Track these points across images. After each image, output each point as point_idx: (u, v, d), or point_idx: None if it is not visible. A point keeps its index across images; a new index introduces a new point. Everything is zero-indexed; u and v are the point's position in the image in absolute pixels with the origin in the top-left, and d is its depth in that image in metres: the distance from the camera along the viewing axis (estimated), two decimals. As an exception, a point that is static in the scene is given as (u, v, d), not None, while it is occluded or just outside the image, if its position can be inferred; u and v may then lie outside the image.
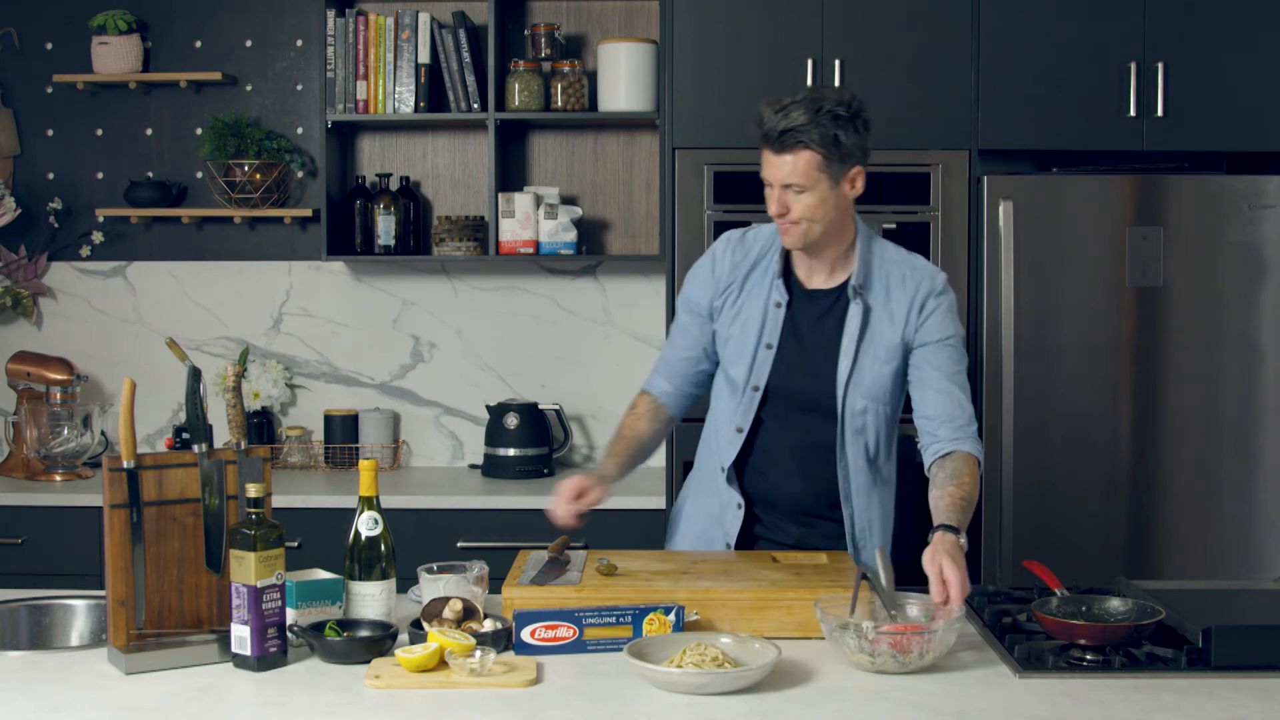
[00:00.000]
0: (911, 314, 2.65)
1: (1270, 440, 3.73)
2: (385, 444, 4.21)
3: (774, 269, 2.70)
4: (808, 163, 2.54)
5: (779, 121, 2.52)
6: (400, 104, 4.05)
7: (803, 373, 2.67)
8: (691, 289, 2.78)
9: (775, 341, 2.68)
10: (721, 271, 2.74)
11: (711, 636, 2.19)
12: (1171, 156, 3.86)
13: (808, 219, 2.58)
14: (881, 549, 2.34)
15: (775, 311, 2.68)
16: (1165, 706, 1.99)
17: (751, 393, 2.69)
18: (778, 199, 2.58)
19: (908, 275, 2.68)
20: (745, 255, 2.73)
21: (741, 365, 2.70)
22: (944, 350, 2.64)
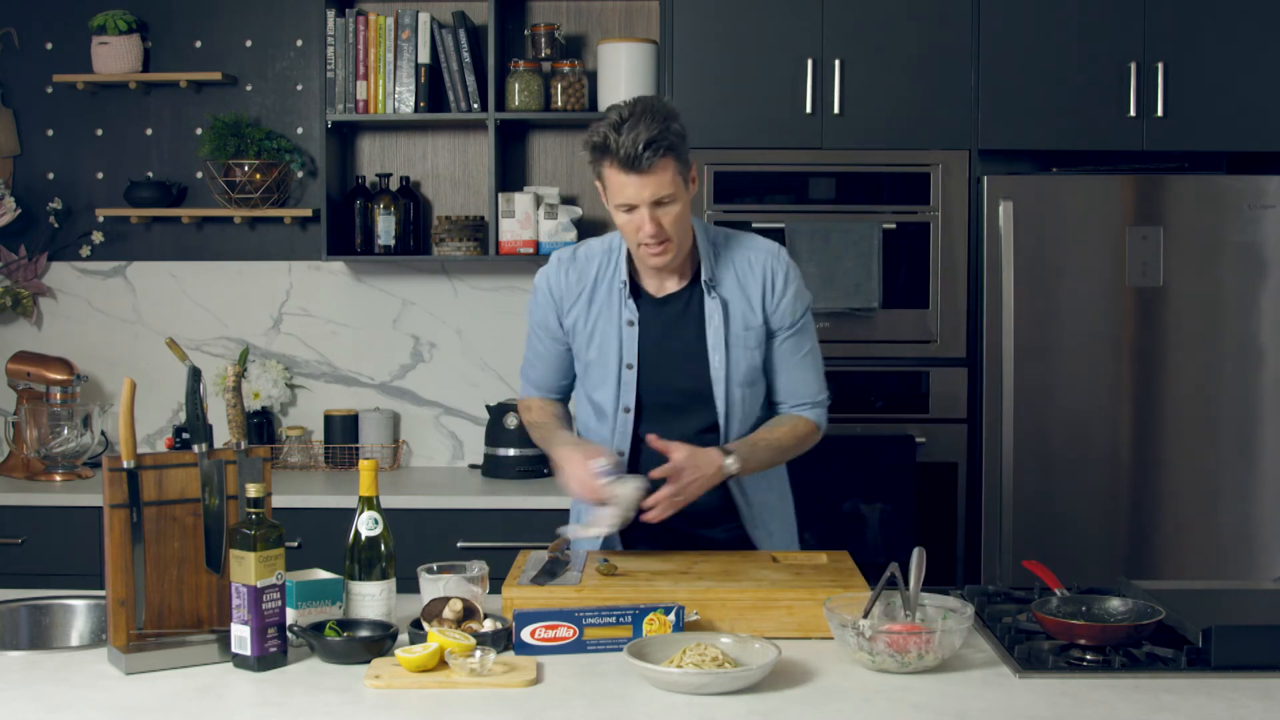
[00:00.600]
0: (766, 297, 2.64)
1: (1270, 440, 3.73)
2: (385, 444, 4.21)
3: (619, 286, 2.64)
4: (670, 170, 2.47)
5: (635, 137, 2.43)
6: (400, 104, 4.05)
7: (672, 381, 2.65)
8: (538, 314, 2.74)
9: (634, 360, 2.64)
10: (561, 291, 2.68)
11: (711, 636, 2.19)
12: (1171, 156, 3.86)
13: (678, 232, 2.52)
14: (921, 549, 2.32)
15: (629, 330, 2.63)
16: (1165, 706, 1.99)
17: (624, 415, 2.66)
18: (650, 219, 2.49)
19: (752, 258, 2.65)
20: (581, 274, 2.68)
21: (607, 390, 2.66)
22: (796, 334, 2.68)
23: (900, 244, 3.74)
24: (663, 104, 2.50)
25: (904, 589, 2.26)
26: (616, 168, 2.47)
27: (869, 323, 3.75)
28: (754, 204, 3.78)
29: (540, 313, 2.73)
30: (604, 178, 2.53)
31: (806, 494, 3.66)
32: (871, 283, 3.70)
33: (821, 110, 3.74)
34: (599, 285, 2.67)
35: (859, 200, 3.76)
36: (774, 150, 3.77)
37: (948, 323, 3.75)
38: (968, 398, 3.76)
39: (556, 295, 2.69)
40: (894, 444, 3.69)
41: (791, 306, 2.66)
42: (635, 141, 2.43)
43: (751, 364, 2.65)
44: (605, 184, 2.54)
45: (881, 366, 3.78)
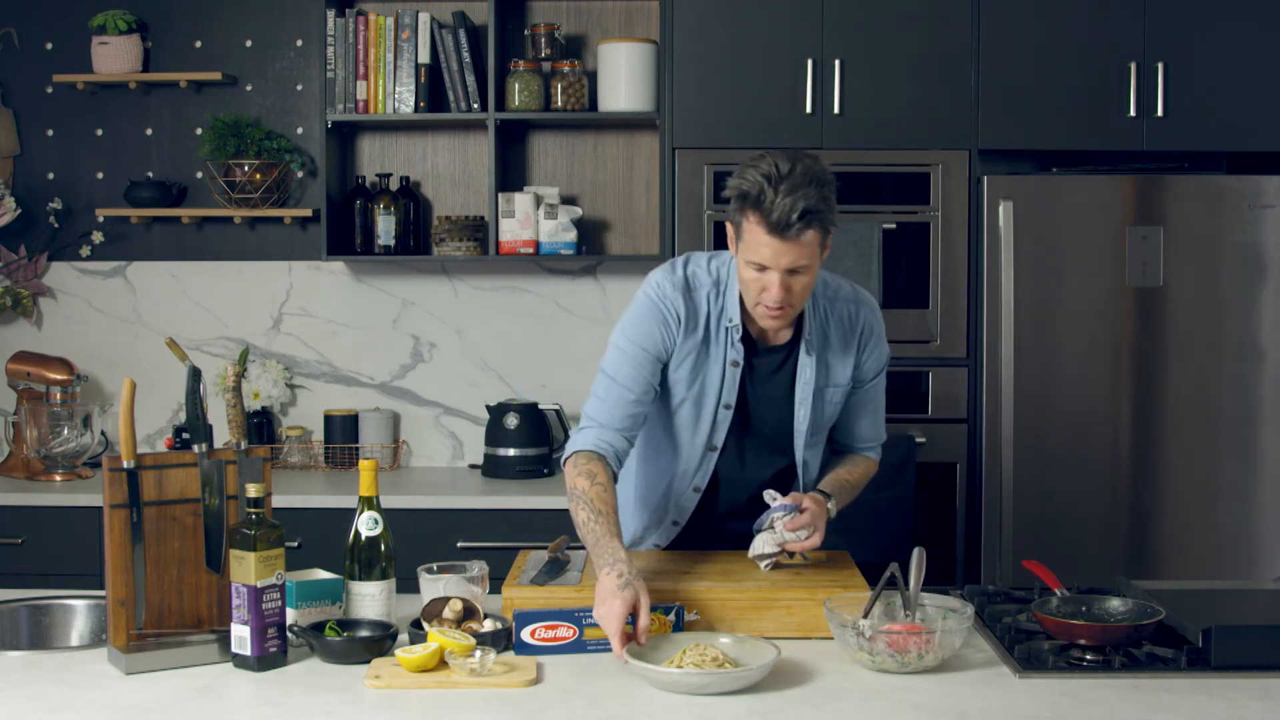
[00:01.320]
0: (857, 352, 2.60)
1: (1270, 440, 3.73)
2: (385, 444, 4.21)
3: (728, 326, 2.52)
4: (814, 242, 2.33)
5: (793, 203, 2.28)
6: (400, 104, 4.05)
7: (759, 428, 2.60)
8: (650, 334, 2.51)
9: (733, 402, 2.55)
10: (680, 315, 2.51)
11: (711, 636, 2.19)
12: (1171, 156, 3.86)
13: (800, 300, 2.42)
14: (921, 549, 2.33)
15: (733, 371, 2.53)
16: (1165, 706, 1.99)
17: (709, 452, 2.60)
18: (780, 284, 2.35)
19: (853, 312, 2.58)
20: (694, 305, 2.52)
21: (702, 426, 2.57)
22: (875, 386, 2.68)
23: (900, 244, 3.74)
24: (824, 169, 2.35)
25: (904, 589, 2.26)
26: (762, 227, 2.31)
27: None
28: (754, 204, 3.77)
29: (654, 337, 2.51)
30: (743, 229, 2.36)
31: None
32: (871, 283, 3.70)
33: (821, 110, 3.74)
34: (710, 319, 2.52)
35: (859, 200, 3.76)
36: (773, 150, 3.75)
37: (948, 323, 3.75)
38: (968, 398, 3.76)
39: (675, 316, 2.50)
40: (894, 444, 3.68)
41: (877, 359, 2.63)
42: (793, 208, 2.28)
43: (831, 414, 2.64)
44: (742, 235, 2.37)
45: (881, 366, 3.78)
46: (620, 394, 2.51)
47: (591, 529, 2.34)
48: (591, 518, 2.36)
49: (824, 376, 2.58)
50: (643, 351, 2.51)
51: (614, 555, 2.26)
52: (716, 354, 2.53)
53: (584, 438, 2.50)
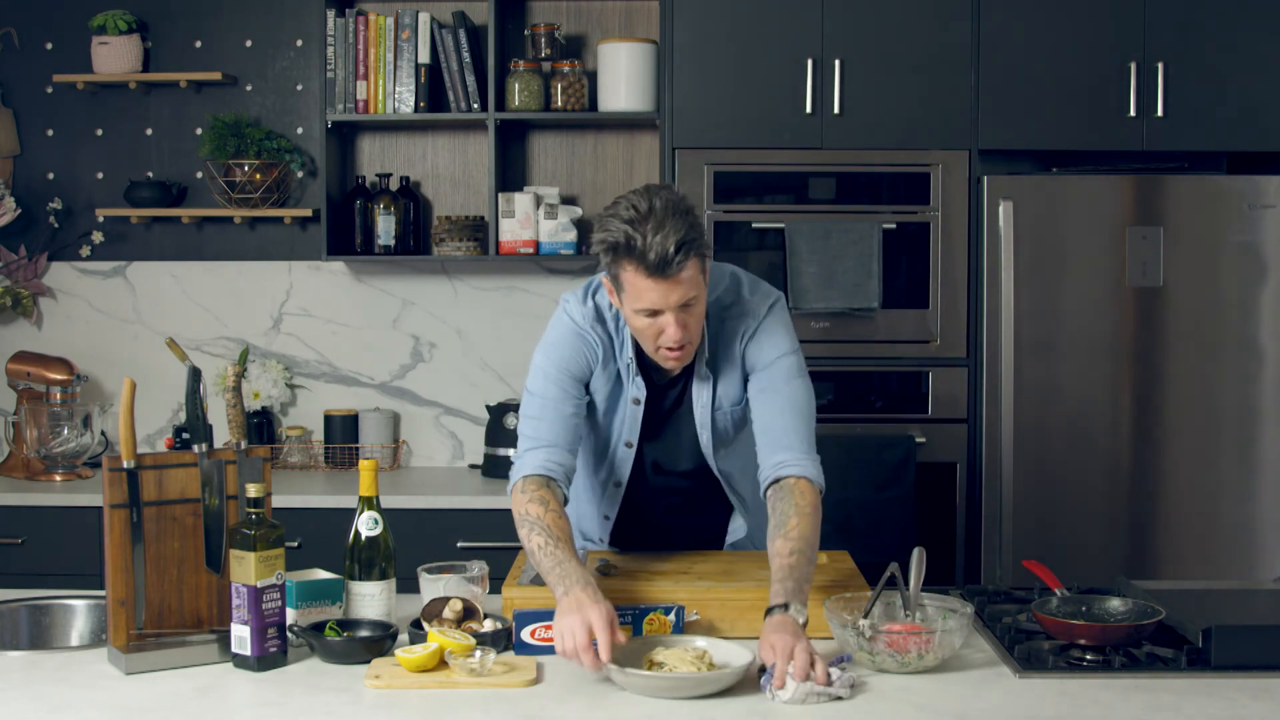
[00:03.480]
0: (743, 355, 2.46)
1: (1270, 440, 3.73)
2: (385, 444, 4.21)
3: (630, 363, 2.45)
4: (695, 269, 2.26)
5: (664, 239, 2.20)
6: (400, 104, 4.05)
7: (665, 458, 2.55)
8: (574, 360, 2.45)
9: (635, 440, 2.50)
10: (596, 346, 2.45)
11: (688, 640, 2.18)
12: (1171, 156, 3.86)
13: (697, 330, 2.34)
14: (921, 549, 2.32)
15: (634, 409, 2.47)
16: (1165, 706, 1.99)
17: (614, 489, 2.58)
18: (676, 323, 2.27)
19: (734, 324, 2.45)
20: (606, 333, 2.46)
21: (601, 463, 2.55)
22: (766, 371, 2.44)
23: (900, 244, 3.75)
24: (681, 198, 2.28)
25: (904, 589, 2.26)
26: (642, 272, 2.23)
27: (869, 323, 3.75)
28: (754, 204, 3.78)
29: (577, 362, 2.45)
30: (621, 280, 2.28)
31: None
32: (871, 283, 3.70)
33: (821, 110, 3.74)
34: (610, 352, 2.47)
35: (859, 200, 3.76)
36: (774, 150, 3.77)
37: (948, 323, 3.75)
38: (967, 398, 3.76)
39: (591, 343, 2.45)
40: (894, 444, 3.69)
41: (759, 347, 2.45)
42: (665, 244, 2.20)
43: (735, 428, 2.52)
44: (623, 286, 2.29)
45: (881, 366, 3.78)
46: (555, 410, 2.43)
47: (551, 552, 2.25)
48: (549, 542, 2.27)
49: (720, 394, 2.48)
50: (567, 374, 2.45)
51: (582, 576, 2.19)
52: (615, 387, 2.48)
53: (529, 461, 2.41)
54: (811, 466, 2.40)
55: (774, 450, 2.41)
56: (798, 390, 2.44)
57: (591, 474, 2.60)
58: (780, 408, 2.42)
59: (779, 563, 2.26)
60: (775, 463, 2.40)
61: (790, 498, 2.35)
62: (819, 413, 2.66)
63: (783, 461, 2.39)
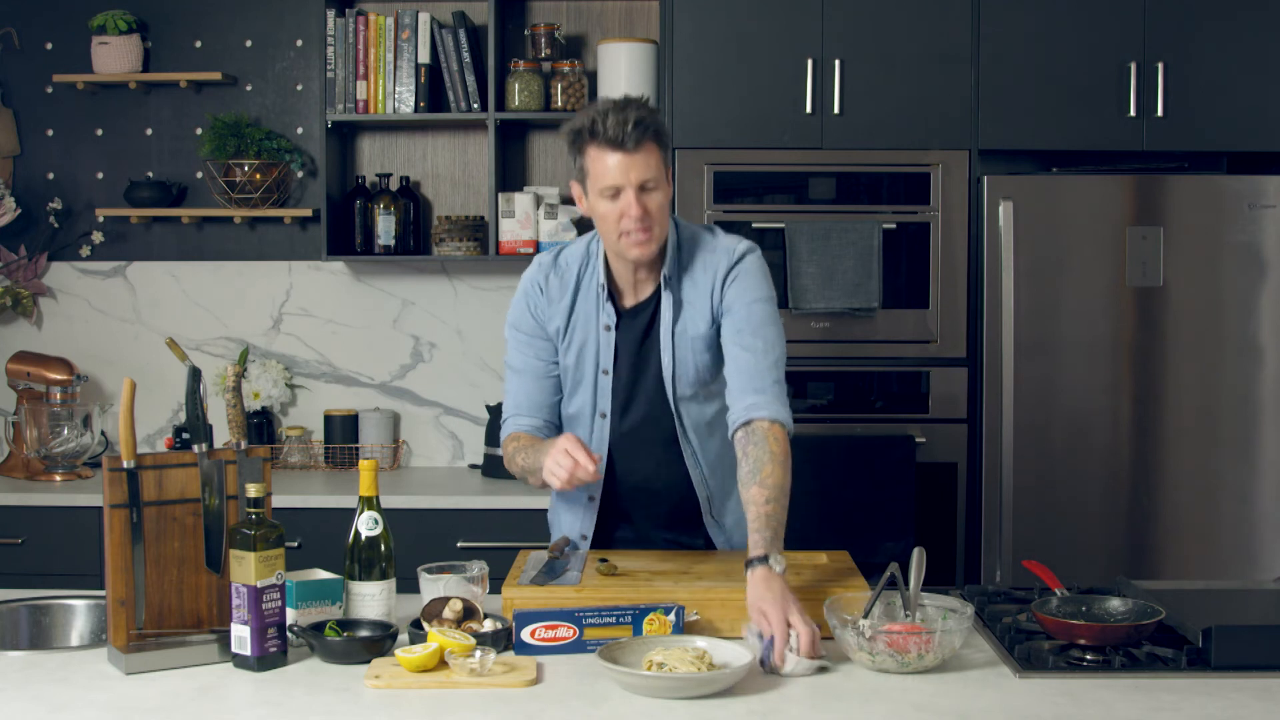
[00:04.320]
0: (715, 293, 2.56)
1: (1270, 440, 3.73)
2: (385, 444, 4.21)
3: (598, 290, 2.60)
4: (657, 155, 2.45)
5: (624, 117, 2.41)
6: (400, 104, 4.05)
7: (641, 388, 2.62)
8: (523, 318, 2.64)
9: (610, 366, 2.60)
10: (552, 293, 2.62)
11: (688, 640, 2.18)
12: (1171, 156, 3.86)
13: (661, 220, 2.48)
14: (921, 549, 2.32)
15: (606, 335, 2.59)
16: (1165, 706, 1.99)
17: (600, 420, 2.64)
18: (636, 202, 2.44)
19: (708, 258, 2.58)
20: (563, 279, 2.62)
21: (584, 395, 2.63)
22: (741, 312, 2.53)
23: (900, 244, 3.75)
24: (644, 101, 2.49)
25: (904, 589, 2.26)
26: (605, 147, 2.42)
27: (869, 323, 3.75)
28: (754, 204, 3.78)
29: (525, 317, 2.64)
30: (587, 163, 2.46)
31: (806, 494, 3.66)
32: (871, 283, 3.70)
33: (821, 110, 3.74)
34: (580, 290, 2.62)
35: (859, 200, 3.76)
36: (774, 150, 3.77)
37: (948, 323, 3.75)
38: (968, 397, 3.76)
39: (549, 294, 2.62)
40: (894, 444, 3.69)
41: (739, 289, 2.54)
42: (624, 121, 2.40)
43: (700, 363, 2.58)
44: (588, 172, 2.47)
45: (881, 366, 3.78)
46: (520, 381, 2.66)
47: (528, 452, 2.54)
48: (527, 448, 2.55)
49: (685, 322, 2.57)
50: (521, 334, 2.65)
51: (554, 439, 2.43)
52: (589, 321, 2.61)
53: (506, 428, 2.68)
54: (783, 410, 2.47)
55: (745, 392, 2.48)
56: (771, 336, 2.53)
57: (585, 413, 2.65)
58: (755, 350, 2.50)
59: (755, 510, 2.33)
60: (747, 404, 2.46)
61: (764, 443, 2.41)
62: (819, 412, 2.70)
63: (754, 404, 2.46)
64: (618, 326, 2.60)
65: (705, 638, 2.18)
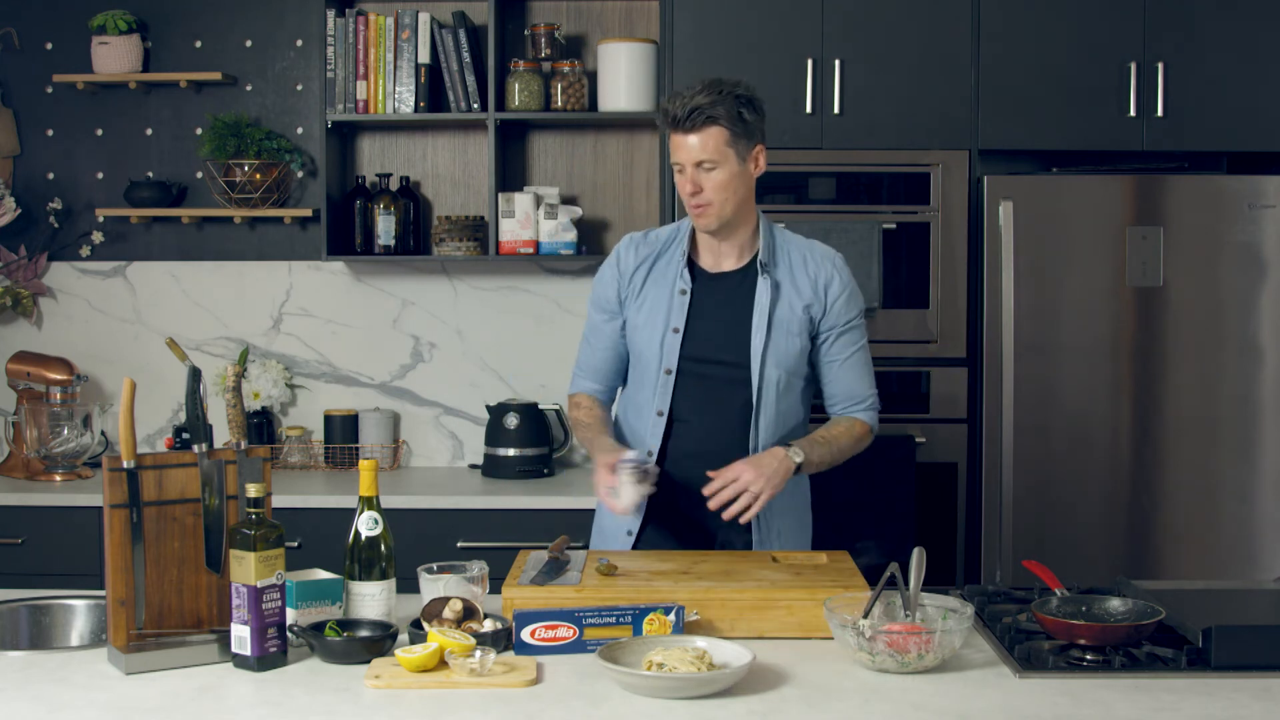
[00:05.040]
0: (817, 294, 2.78)
1: (1270, 440, 3.73)
2: (385, 444, 4.21)
3: (679, 258, 2.80)
4: (717, 138, 2.66)
5: (685, 102, 2.65)
6: (400, 104, 4.05)
7: (713, 352, 2.77)
8: (598, 289, 2.88)
9: (681, 325, 2.77)
10: (626, 266, 2.84)
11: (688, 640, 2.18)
12: (1171, 156, 3.86)
13: (720, 197, 2.69)
14: (921, 549, 2.32)
15: (680, 298, 2.78)
16: (1165, 706, 1.99)
17: (665, 376, 2.78)
18: (690, 178, 2.68)
19: (808, 257, 2.81)
20: (649, 250, 2.84)
21: (651, 350, 2.79)
22: (848, 334, 2.82)
23: (900, 244, 3.75)
24: (733, 81, 2.71)
25: (904, 589, 2.26)
26: (670, 129, 2.69)
27: (869, 323, 3.73)
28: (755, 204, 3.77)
29: (603, 288, 2.86)
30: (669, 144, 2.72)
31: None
32: (871, 283, 3.70)
33: (821, 110, 3.74)
34: (660, 259, 2.82)
35: (859, 200, 3.76)
36: (774, 150, 3.74)
37: (948, 323, 3.75)
38: (968, 397, 3.76)
39: (623, 269, 2.84)
40: (894, 444, 3.69)
41: (845, 307, 2.80)
42: (685, 105, 2.65)
43: (790, 349, 2.76)
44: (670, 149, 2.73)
45: (881, 366, 3.74)
46: (588, 351, 2.93)
47: (586, 438, 2.84)
48: (583, 433, 2.85)
49: (782, 305, 2.76)
50: (597, 310, 2.89)
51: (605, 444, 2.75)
52: (665, 284, 2.80)
53: (573, 384, 2.97)
54: (874, 417, 2.89)
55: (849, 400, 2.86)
56: (867, 350, 2.89)
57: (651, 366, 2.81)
58: (856, 363, 2.85)
59: (812, 434, 2.78)
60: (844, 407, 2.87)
61: (846, 421, 2.85)
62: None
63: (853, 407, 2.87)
64: (694, 293, 2.78)
65: (705, 638, 2.18)
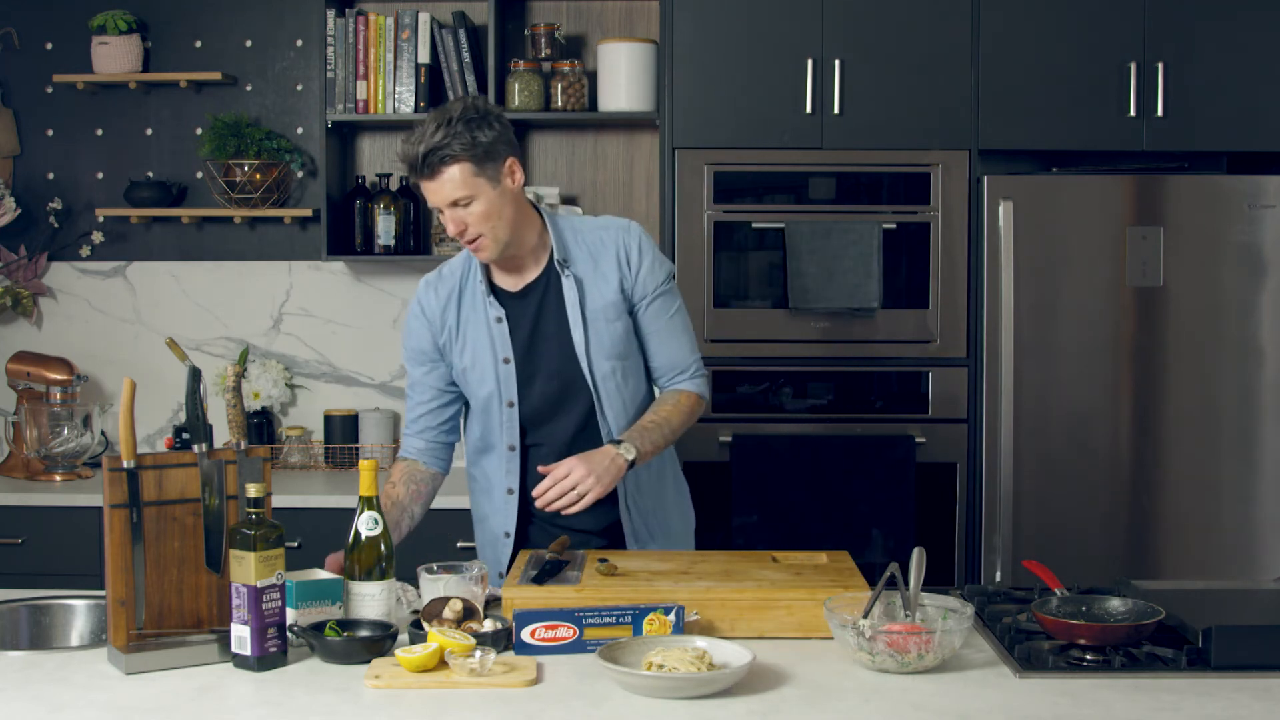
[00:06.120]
0: (622, 269, 2.71)
1: (1270, 440, 3.73)
2: (385, 444, 4.21)
3: (479, 288, 2.72)
4: (461, 174, 2.55)
5: (418, 147, 2.53)
6: (400, 104, 4.05)
7: (547, 368, 2.72)
8: (410, 341, 2.79)
9: (510, 354, 2.71)
10: (433, 313, 2.75)
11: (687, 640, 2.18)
12: (1171, 156, 3.86)
13: (487, 226, 2.60)
14: (921, 549, 2.32)
15: (498, 327, 2.71)
16: (1165, 706, 1.99)
17: (508, 410, 2.73)
18: (452, 220, 2.59)
19: (603, 236, 2.73)
20: (448, 288, 2.75)
21: (487, 387, 2.73)
22: (659, 299, 2.74)
23: (900, 244, 3.75)
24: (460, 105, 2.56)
25: (904, 589, 2.26)
26: (413, 176, 2.58)
27: (869, 323, 3.75)
28: (754, 204, 3.78)
29: (416, 340, 2.77)
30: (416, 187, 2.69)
31: (807, 494, 3.67)
32: (871, 283, 3.70)
33: (821, 110, 3.74)
34: (464, 293, 2.74)
35: (859, 200, 3.76)
36: (774, 150, 3.77)
37: (948, 323, 3.75)
38: (967, 398, 3.76)
39: (430, 315, 2.75)
40: (894, 444, 3.69)
41: (650, 274, 2.72)
42: (419, 151, 2.53)
43: (614, 336, 2.71)
44: None
45: (881, 366, 3.78)
46: (411, 408, 2.83)
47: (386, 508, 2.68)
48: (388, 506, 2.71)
49: (590, 297, 2.69)
50: (414, 364, 2.79)
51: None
52: (478, 318, 2.72)
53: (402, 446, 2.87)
54: (702, 384, 2.80)
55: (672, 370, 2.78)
56: (684, 312, 2.80)
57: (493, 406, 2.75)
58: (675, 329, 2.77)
59: (640, 421, 2.69)
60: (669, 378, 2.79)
61: (674, 397, 2.76)
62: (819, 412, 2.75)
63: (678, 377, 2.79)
64: (509, 316, 2.71)
65: (705, 638, 2.18)
